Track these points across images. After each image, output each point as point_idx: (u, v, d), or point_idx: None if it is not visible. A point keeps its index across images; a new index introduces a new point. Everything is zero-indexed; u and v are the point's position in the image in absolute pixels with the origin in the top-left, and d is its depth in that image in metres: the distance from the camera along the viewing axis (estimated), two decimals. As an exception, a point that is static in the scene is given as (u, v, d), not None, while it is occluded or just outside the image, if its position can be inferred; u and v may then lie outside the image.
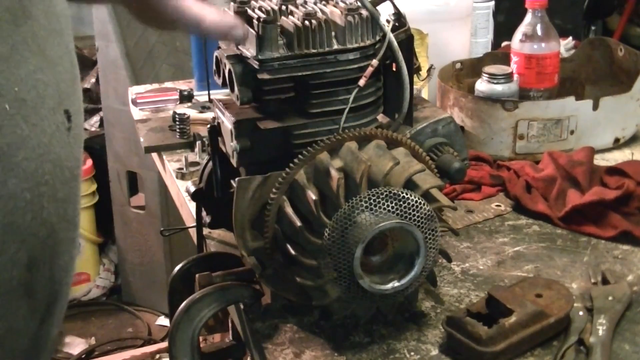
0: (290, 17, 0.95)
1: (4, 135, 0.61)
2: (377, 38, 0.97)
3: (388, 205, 0.82)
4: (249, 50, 0.92)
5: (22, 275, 0.65)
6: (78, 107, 0.71)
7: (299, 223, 0.83)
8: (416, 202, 0.83)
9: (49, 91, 0.66)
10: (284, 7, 0.97)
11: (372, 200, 0.81)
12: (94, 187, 2.97)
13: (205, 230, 1.12)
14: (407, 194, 0.82)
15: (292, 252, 0.84)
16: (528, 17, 1.44)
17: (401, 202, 0.82)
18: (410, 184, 0.86)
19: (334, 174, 0.83)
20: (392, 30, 0.98)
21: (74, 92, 0.70)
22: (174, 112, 1.50)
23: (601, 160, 1.31)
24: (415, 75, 1.06)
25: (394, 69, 1.00)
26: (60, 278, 0.71)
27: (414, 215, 0.82)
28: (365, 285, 0.82)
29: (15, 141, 0.62)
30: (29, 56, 0.64)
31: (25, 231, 0.64)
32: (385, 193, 0.82)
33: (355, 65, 0.94)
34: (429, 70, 1.16)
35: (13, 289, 0.64)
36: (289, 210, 0.85)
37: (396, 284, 0.84)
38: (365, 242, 0.80)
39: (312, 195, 0.83)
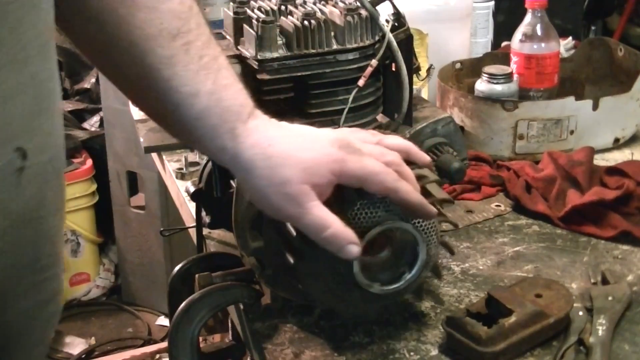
0: (289, 17, 0.95)
1: None
2: (377, 38, 0.97)
3: (385, 206, 0.82)
4: (248, 51, 0.92)
5: None
6: (42, 143, 0.65)
7: (294, 233, 0.82)
8: None
9: None
10: (283, 7, 0.97)
11: (367, 202, 0.81)
12: (94, 187, 2.97)
13: (205, 231, 1.12)
14: None
15: (291, 260, 0.83)
16: (528, 17, 1.44)
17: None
18: None
19: None
20: (392, 30, 0.98)
21: (37, 127, 0.65)
22: (174, 112, 1.50)
23: (601, 160, 1.31)
24: (414, 75, 1.06)
25: (394, 69, 1.00)
26: (17, 327, 0.67)
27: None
28: (365, 286, 0.82)
29: None
30: None
31: None
32: (378, 196, 0.81)
33: (355, 65, 0.95)
34: (428, 70, 1.16)
35: None
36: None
37: (397, 284, 0.84)
38: (363, 244, 0.80)
39: None
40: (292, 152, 0.76)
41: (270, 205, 0.76)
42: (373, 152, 0.78)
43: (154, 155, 1.52)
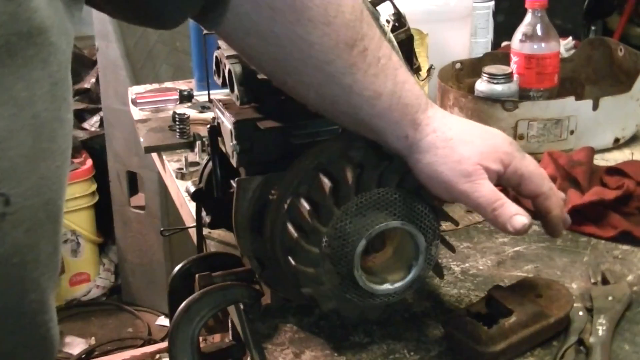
0: (290, 17, 0.95)
1: None
2: (377, 38, 0.97)
3: (386, 206, 0.82)
4: (249, 51, 0.92)
5: None
6: (33, 187, 0.62)
7: (295, 235, 0.82)
8: (409, 201, 0.83)
9: None
10: (283, 7, 0.97)
11: (363, 204, 0.81)
12: (94, 187, 2.97)
13: (205, 230, 1.12)
14: (399, 195, 0.82)
15: (292, 262, 0.83)
16: (528, 17, 1.44)
17: (394, 203, 0.82)
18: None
19: (325, 181, 0.82)
20: (392, 31, 0.98)
21: (31, 171, 0.61)
22: (174, 112, 1.50)
23: (601, 160, 1.31)
24: (415, 75, 1.06)
25: (394, 69, 1.00)
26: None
27: (409, 213, 0.82)
28: (365, 286, 0.82)
29: None
30: None
31: None
32: (376, 196, 0.81)
33: (355, 66, 0.94)
34: (429, 70, 1.17)
35: None
36: (286, 222, 0.85)
37: (397, 284, 0.84)
38: (362, 246, 0.80)
39: (305, 206, 0.82)
40: (471, 137, 0.83)
41: (445, 181, 0.81)
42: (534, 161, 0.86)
43: (154, 155, 1.52)
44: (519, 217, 0.82)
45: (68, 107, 0.65)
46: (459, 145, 0.82)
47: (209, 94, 1.63)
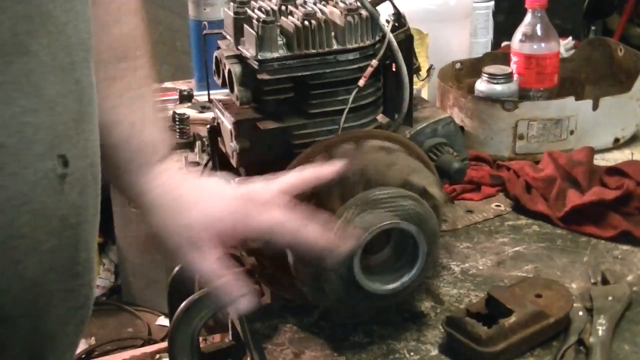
0: (289, 17, 0.95)
1: None
2: (377, 38, 0.97)
3: (384, 206, 0.82)
4: (249, 51, 0.92)
5: None
6: (82, 149, 0.65)
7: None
8: (412, 201, 0.83)
9: (40, 135, 0.60)
10: (283, 7, 0.97)
11: (367, 202, 0.81)
12: (94, 187, 2.96)
13: (205, 231, 1.12)
14: (403, 194, 0.82)
15: (291, 258, 0.83)
16: (528, 17, 1.44)
17: (397, 202, 0.82)
18: (407, 183, 0.86)
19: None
20: (392, 31, 0.98)
21: (79, 133, 0.64)
22: (174, 112, 1.50)
23: (601, 160, 1.31)
24: (415, 76, 1.06)
25: (394, 69, 1.00)
26: (51, 331, 0.67)
27: (411, 213, 0.82)
28: (365, 286, 0.82)
29: None
30: (17, 97, 0.58)
31: None
32: (382, 194, 0.82)
33: (355, 66, 0.94)
34: (428, 71, 1.16)
35: None
36: None
37: (397, 284, 0.84)
38: (363, 244, 0.80)
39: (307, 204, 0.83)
40: (200, 199, 0.77)
41: (172, 244, 0.76)
42: (279, 204, 0.76)
43: (154, 155, 1.51)
44: (241, 300, 0.74)
45: (94, 75, 0.68)
46: (187, 209, 0.76)
47: (208, 94, 1.62)
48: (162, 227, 0.77)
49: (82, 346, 2.77)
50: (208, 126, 1.01)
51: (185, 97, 1.71)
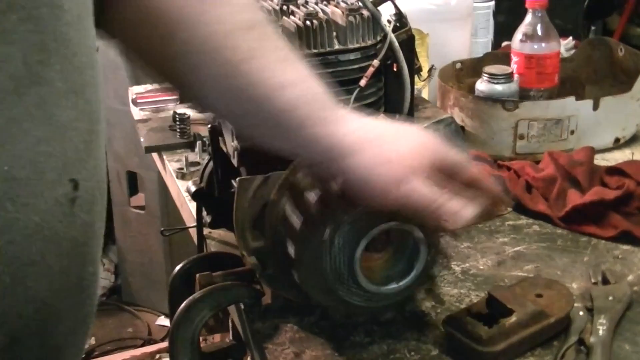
0: (291, 17, 0.95)
1: None
2: (378, 38, 0.97)
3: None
4: (250, 50, 0.92)
5: (1, 356, 0.60)
6: (92, 169, 0.64)
7: (297, 227, 0.82)
8: None
9: (52, 163, 0.59)
10: (285, 7, 0.97)
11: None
12: (94, 187, 2.96)
13: (206, 230, 1.12)
14: None
15: (293, 253, 0.84)
16: (528, 17, 1.44)
17: None
18: None
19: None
20: (393, 31, 0.98)
21: (89, 154, 0.63)
22: (174, 112, 1.50)
23: (601, 160, 1.31)
24: (416, 76, 1.06)
25: (395, 69, 1.00)
26: (59, 343, 0.66)
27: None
28: (365, 286, 0.82)
29: None
30: (30, 128, 0.57)
31: (3, 315, 0.58)
32: None
33: (356, 66, 0.95)
34: (430, 71, 1.17)
35: None
36: (289, 211, 0.85)
37: (397, 284, 0.84)
38: (364, 244, 0.80)
39: (310, 199, 0.83)
40: (402, 135, 0.75)
41: (380, 185, 0.72)
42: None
43: (154, 155, 1.52)
44: (463, 211, 0.73)
45: (103, 93, 0.67)
46: (385, 145, 0.74)
47: (209, 94, 1.63)
48: (364, 171, 0.72)
49: (82, 346, 2.77)
50: (209, 126, 1.01)
51: (186, 97, 1.70)
